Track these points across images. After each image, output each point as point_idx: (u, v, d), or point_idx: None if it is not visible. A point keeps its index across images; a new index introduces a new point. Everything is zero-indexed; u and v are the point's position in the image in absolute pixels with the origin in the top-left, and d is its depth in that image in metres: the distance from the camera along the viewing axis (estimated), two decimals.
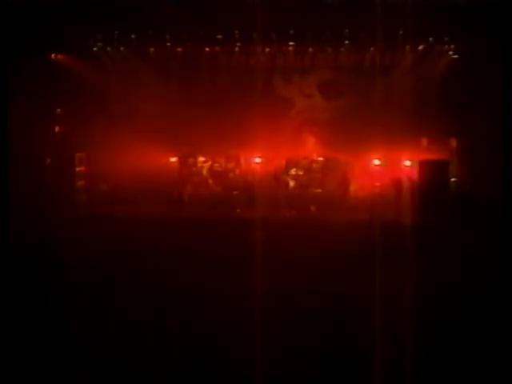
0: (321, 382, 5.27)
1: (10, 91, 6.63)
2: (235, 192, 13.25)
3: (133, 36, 12.91)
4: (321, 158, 13.94)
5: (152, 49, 13.52)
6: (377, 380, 5.20)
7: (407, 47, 13.12)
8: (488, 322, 6.12)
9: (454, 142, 13.11)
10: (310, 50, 13.65)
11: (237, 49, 13.50)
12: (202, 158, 13.99)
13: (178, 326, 6.24)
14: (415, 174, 12.25)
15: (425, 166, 11.96)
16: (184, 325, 6.25)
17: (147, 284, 7.52)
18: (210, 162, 13.91)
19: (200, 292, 7.17)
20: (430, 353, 5.50)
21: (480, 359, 5.47)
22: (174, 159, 14.16)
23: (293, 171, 13.70)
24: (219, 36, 12.93)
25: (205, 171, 13.84)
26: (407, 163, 13.42)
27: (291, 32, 12.93)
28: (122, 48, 13.50)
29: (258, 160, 13.98)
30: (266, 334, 5.72)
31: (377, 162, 13.77)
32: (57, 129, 13.45)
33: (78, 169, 12.97)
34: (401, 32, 12.29)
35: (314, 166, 13.83)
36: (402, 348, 5.52)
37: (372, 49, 13.31)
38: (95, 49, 13.40)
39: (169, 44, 13.34)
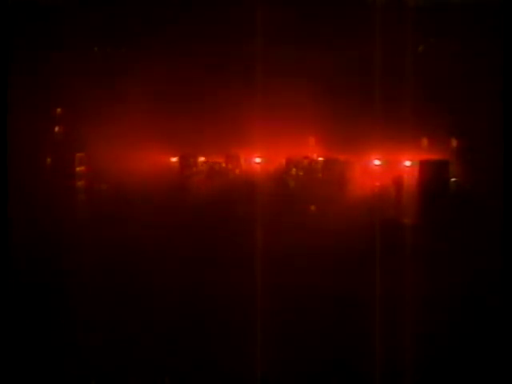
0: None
1: (10, 91, 6.64)
2: (235, 192, 13.29)
3: (133, 36, 12.91)
4: (321, 158, 13.95)
5: (151, 48, 13.52)
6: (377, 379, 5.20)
7: (407, 47, 13.10)
8: (488, 319, 6.13)
9: (454, 142, 13.11)
10: (310, 49, 13.63)
11: (236, 48, 13.49)
12: (202, 158, 14.04)
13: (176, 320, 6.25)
14: (415, 174, 12.27)
15: (425, 166, 12.02)
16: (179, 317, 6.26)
17: (146, 283, 7.53)
18: (210, 163, 13.95)
19: (198, 290, 7.17)
20: (430, 351, 5.51)
21: (480, 359, 5.47)
22: (174, 159, 14.18)
23: (293, 171, 13.72)
24: (219, 35, 12.92)
25: (205, 171, 13.87)
26: (407, 163, 13.42)
27: (291, 33, 12.91)
28: (122, 48, 13.51)
29: (258, 160, 13.99)
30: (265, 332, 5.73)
31: (377, 161, 13.75)
32: (57, 129, 13.46)
33: (77, 168, 13.01)
34: (401, 31, 12.28)
35: (314, 166, 13.84)
36: (401, 346, 5.52)
37: (372, 49, 13.29)
38: (95, 49, 13.41)
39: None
